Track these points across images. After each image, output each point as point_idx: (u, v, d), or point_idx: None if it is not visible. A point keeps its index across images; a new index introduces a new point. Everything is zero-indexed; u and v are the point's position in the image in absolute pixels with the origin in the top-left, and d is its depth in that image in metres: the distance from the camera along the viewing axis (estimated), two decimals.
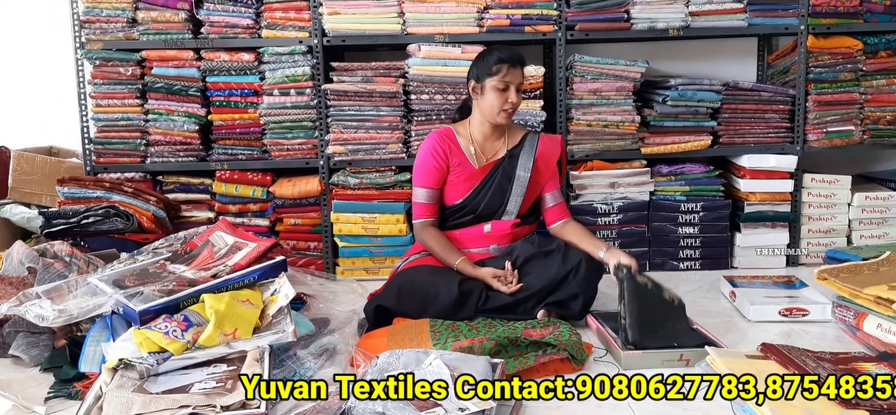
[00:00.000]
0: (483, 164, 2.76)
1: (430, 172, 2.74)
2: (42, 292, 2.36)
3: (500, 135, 2.80)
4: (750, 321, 2.64)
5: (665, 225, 3.39)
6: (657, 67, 3.70)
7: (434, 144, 2.75)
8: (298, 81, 3.30)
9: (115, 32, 3.31)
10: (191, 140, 3.36)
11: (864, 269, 2.55)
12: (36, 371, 2.30)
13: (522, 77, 2.69)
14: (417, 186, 2.76)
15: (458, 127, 2.82)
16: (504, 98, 2.64)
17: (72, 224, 3.04)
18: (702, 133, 3.38)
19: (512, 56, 2.65)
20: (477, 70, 2.69)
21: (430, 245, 2.72)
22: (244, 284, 2.38)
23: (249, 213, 3.43)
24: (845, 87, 3.38)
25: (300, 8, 3.29)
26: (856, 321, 2.39)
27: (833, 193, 3.45)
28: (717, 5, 3.32)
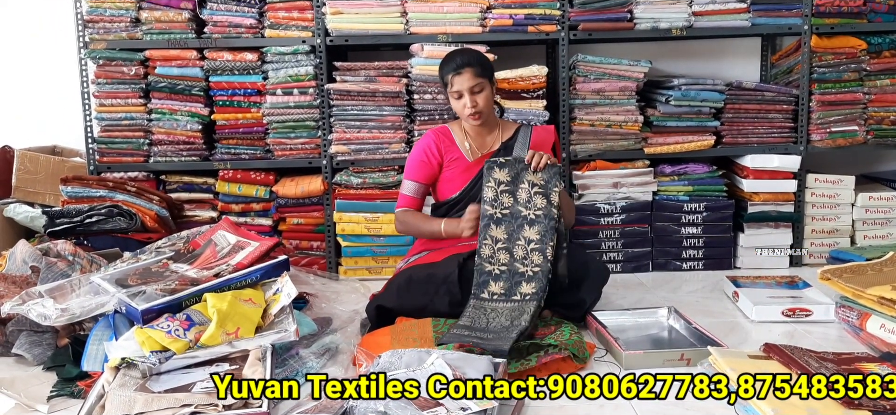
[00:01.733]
0: (477, 158, 2.79)
1: (419, 167, 2.80)
2: (45, 291, 2.37)
3: (491, 129, 2.83)
4: (753, 322, 2.63)
5: (668, 225, 3.39)
6: (660, 67, 3.69)
7: (429, 141, 2.81)
8: (301, 81, 3.31)
9: (118, 32, 3.32)
10: (194, 140, 3.36)
11: (867, 269, 2.55)
12: (39, 370, 2.30)
13: (473, 79, 2.65)
14: (406, 178, 2.83)
15: (453, 125, 2.88)
16: (462, 104, 2.68)
17: (75, 223, 3.04)
18: (705, 133, 3.38)
19: (456, 63, 2.66)
20: (440, 78, 2.76)
21: (410, 222, 2.78)
22: (246, 284, 2.38)
23: (252, 212, 3.43)
24: (849, 87, 3.37)
25: (303, 8, 3.29)
26: (859, 322, 2.38)
27: (837, 193, 3.44)
28: (720, 5, 3.32)
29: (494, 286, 2.47)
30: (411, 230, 2.80)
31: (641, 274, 3.37)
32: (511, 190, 2.54)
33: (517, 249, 2.49)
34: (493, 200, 2.53)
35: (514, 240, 2.50)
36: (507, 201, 2.53)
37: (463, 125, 2.83)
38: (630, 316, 2.62)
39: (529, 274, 2.44)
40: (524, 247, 2.48)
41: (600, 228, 3.36)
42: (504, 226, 2.52)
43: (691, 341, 2.40)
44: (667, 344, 2.45)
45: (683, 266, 3.41)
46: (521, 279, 2.45)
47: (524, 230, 2.50)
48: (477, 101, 2.67)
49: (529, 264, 2.46)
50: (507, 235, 2.51)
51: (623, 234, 3.38)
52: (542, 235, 2.47)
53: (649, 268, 3.41)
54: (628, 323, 2.58)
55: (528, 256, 2.47)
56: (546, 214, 2.49)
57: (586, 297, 2.56)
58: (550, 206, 2.49)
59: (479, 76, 2.67)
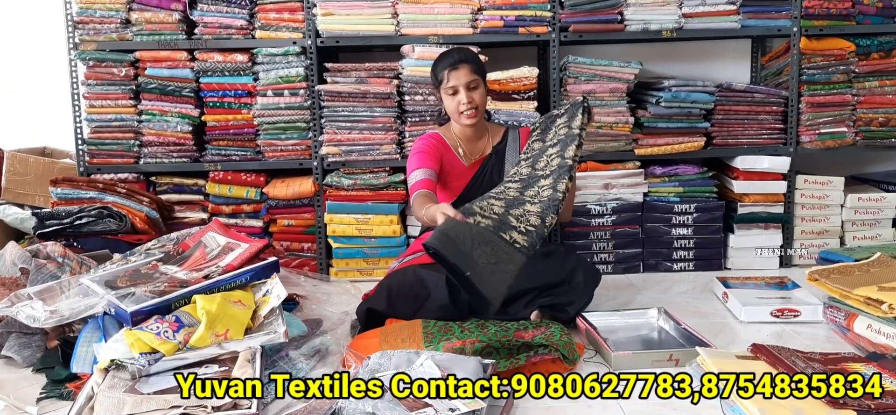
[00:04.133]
0: (471, 162, 2.79)
1: (426, 155, 2.70)
2: (34, 293, 2.36)
3: (481, 133, 2.83)
4: (742, 322, 2.65)
5: (659, 226, 3.40)
6: (651, 69, 3.71)
7: (426, 140, 2.80)
8: (292, 82, 3.31)
9: (108, 33, 3.31)
10: (184, 141, 3.36)
11: (854, 270, 2.56)
12: (28, 372, 2.30)
13: (470, 75, 2.66)
14: (415, 169, 2.67)
15: (443, 131, 2.87)
16: (457, 101, 2.68)
17: (65, 225, 3.03)
18: (695, 134, 3.39)
19: (453, 59, 2.67)
20: (433, 80, 2.75)
21: (418, 210, 2.55)
22: (236, 285, 2.38)
23: (243, 214, 3.42)
24: (838, 88, 3.39)
25: (294, 9, 3.29)
26: (846, 322, 2.39)
27: (826, 194, 3.46)
28: (710, 7, 3.33)
29: (483, 221, 2.29)
30: (416, 215, 2.59)
31: (632, 275, 3.38)
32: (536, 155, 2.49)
33: (515, 209, 2.35)
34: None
35: (516, 202, 2.38)
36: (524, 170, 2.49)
37: (453, 130, 2.82)
38: (620, 317, 2.63)
39: (523, 229, 2.28)
40: (524, 209, 2.35)
41: (591, 230, 3.37)
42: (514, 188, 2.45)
43: (680, 341, 2.40)
44: (656, 345, 2.45)
45: (674, 267, 3.42)
46: (513, 230, 2.25)
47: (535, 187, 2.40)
48: (473, 98, 2.67)
49: (524, 222, 2.30)
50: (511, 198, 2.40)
51: (614, 235, 3.39)
52: (549, 196, 2.34)
53: (640, 269, 3.42)
54: (618, 324, 2.59)
55: (525, 215, 2.32)
56: (560, 165, 2.38)
57: (577, 299, 2.56)
58: (565, 161, 2.37)
59: (474, 73, 2.68)
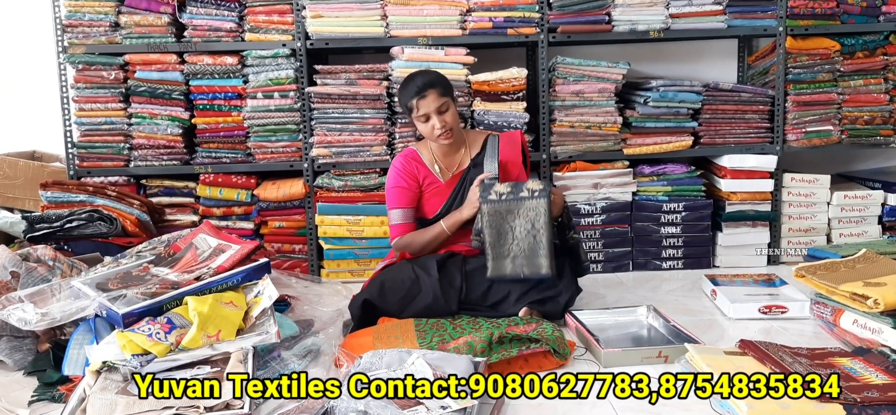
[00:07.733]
0: (448, 178, 2.80)
1: (401, 194, 2.76)
2: (25, 296, 2.35)
3: (458, 147, 2.82)
4: (730, 319, 2.67)
5: (647, 225, 3.43)
6: (639, 69, 3.73)
7: (401, 167, 2.79)
8: (282, 84, 3.31)
9: (97, 36, 3.31)
10: (174, 144, 3.36)
11: (840, 266, 2.59)
12: (20, 375, 2.30)
13: (438, 99, 2.64)
14: (392, 208, 2.77)
15: (420, 146, 2.87)
16: (430, 126, 2.66)
17: (55, 228, 3.02)
18: (683, 134, 3.42)
19: (417, 86, 2.64)
20: (402, 107, 2.74)
21: (411, 242, 2.73)
22: (228, 287, 2.38)
23: (234, 216, 3.43)
24: (823, 87, 3.42)
25: (283, 11, 3.30)
26: (833, 318, 2.42)
27: (812, 192, 3.49)
28: (696, 7, 3.36)
29: (501, 188, 2.55)
30: (416, 249, 2.73)
31: (622, 274, 3.41)
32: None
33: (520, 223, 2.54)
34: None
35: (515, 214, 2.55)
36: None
37: (430, 146, 2.82)
38: (610, 315, 2.65)
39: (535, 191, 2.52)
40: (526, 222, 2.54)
41: (581, 229, 3.39)
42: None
43: (669, 338, 2.43)
44: (646, 342, 2.48)
45: (663, 265, 3.45)
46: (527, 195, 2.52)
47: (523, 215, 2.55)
48: (445, 120, 2.65)
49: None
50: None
51: (603, 234, 3.42)
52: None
53: (629, 267, 3.44)
54: (608, 322, 2.61)
55: None
56: None
57: (565, 290, 2.60)
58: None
59: (442, 96, 2.65)
